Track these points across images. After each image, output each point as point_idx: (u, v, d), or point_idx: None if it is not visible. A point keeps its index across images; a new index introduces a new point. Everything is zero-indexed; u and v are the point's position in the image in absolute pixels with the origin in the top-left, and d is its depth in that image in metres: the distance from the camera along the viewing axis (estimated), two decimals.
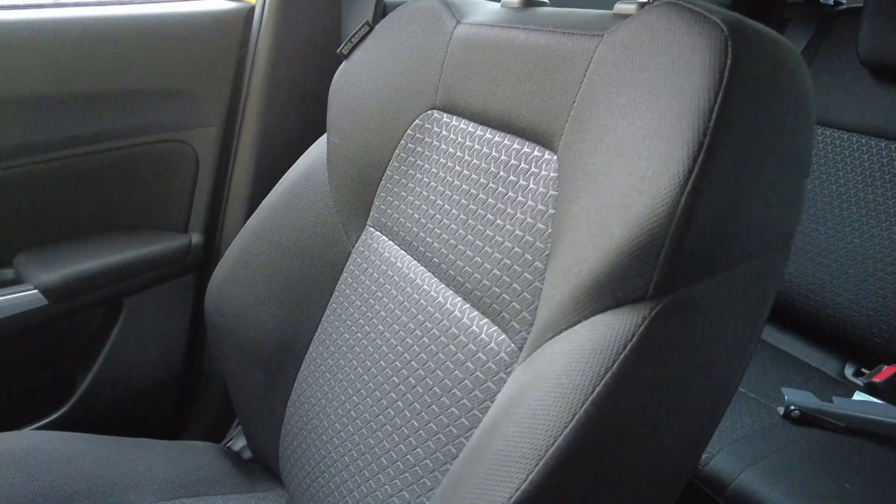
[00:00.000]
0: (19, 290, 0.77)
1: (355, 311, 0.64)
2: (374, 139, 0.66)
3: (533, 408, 0.33)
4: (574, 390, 0.32)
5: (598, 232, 0.36)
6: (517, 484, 0.31)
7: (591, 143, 0.41)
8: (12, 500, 0.63)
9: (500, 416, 0.36)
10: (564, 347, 0.35)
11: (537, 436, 0.32)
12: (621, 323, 0.33)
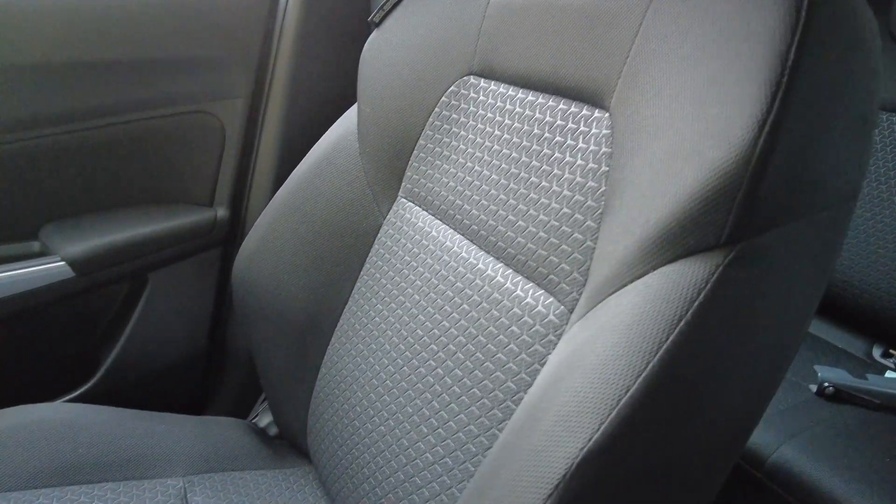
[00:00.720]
0: (46, 262, 0.76)
1: (388, 283, 0.63)
2: (406, 108, 0.65)
3: (602, 358, 0.32)
4: (646, 339, 0.31)
5: (666, 182, 0.35)
6: (589, 433, 0.30)
7: (649, 96, 0.40)
8: (45, 469, 0.63)
9: (562, 371, 0.35)
10: (632, 299, 0.34)
11: (609, 385, 0.31)
12: (693, 271, 0.32)
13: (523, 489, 0.31)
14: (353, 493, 0.62)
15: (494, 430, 0.46)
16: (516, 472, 0.32)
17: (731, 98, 0.32)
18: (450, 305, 0.55)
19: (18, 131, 0.74)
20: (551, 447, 0.31)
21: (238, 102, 0.83)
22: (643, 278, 0.34)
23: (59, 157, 0.77)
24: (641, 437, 0.31)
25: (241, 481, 0.71)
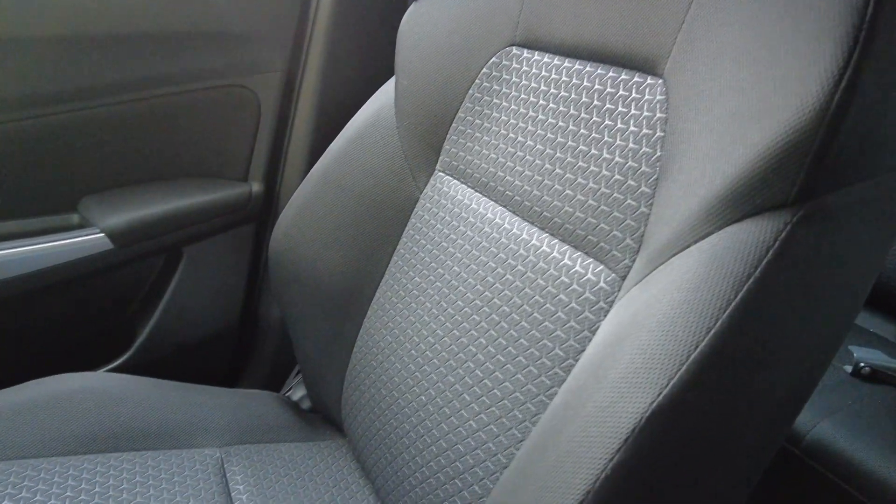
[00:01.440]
0: (86, 234, 0.77)
1: (426, 256, 0.63)
2: (445, 81, 0.65)
3: (669, 316, 0.32)
4: (715, 296, 0.31)
5: (731, 143, 0.34)
6: (658, 388, 0.30)
7: (707, 60, 0.40)
8: (88, 436, 0.64)
9: (625, 331, 0.35)
10: (698, 258, 0.34)
11: (677, 342, 0.31)
12: (762, 229, 0.32)
13: (591, 443, 0.31)
14: (391, 464, 0.62)
15: (542, 397, 0.46)
16: (582, 429, 0.32)
17: (803, 56, 0.32)
18: (492, 276, 0.55)
19: (58, 104, 0.75)
20: (619, 402, 0.31)
21: (274, 76, 0.83)
22: (708, 238, 0.34)
23: (97, 131, 0.77)
24: (709, 393, 0.31)
25: (276, 453, 0.72)
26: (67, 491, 0.59)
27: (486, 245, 0.56)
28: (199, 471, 0.66)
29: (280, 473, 0.69)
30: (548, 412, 0.39)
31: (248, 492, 0.65)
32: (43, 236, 0.76)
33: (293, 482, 0.69)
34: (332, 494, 0.69)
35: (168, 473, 0.65)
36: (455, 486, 0.52)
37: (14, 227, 0.77)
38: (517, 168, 0.56)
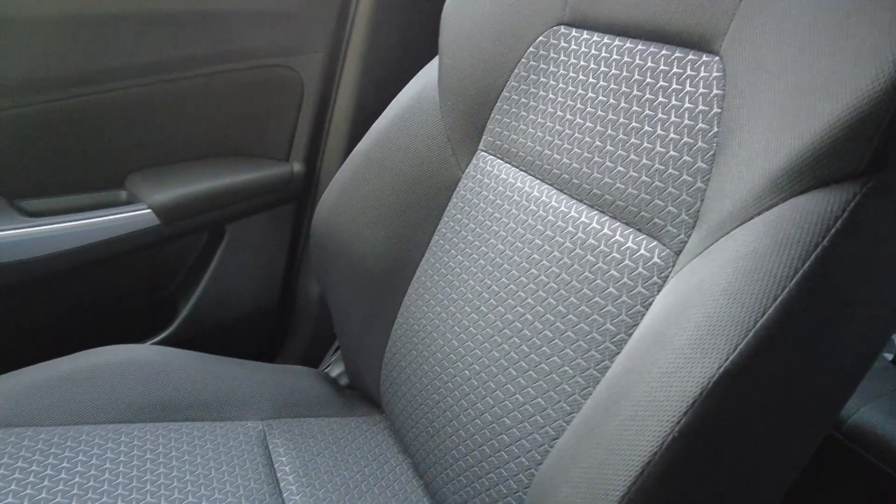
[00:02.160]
0: (134, 210, 0.79)
1: (469, 234, 0.64)
2: (490, 60, 0.65)
3: (735, 285, 0.33)
4: (782, 265, 0.31)
5: (797, 116, 0.34)
6: (725, 354, 0.31)
7: (768, 36, 0.40)
8: (137, 406, 0.66)
9: (688, 300, 0.35)
10: (763, 229, 0.34)
11: (744, 309, 0.31)
12: (830, 200, 0.32)
13: (657, 407, 0.32)
14: (432, 438, 0.64)
15: (592, 371, 0.47)
16: (647, 393, 0.33)
17: (878, 24, 0.32)
18: (538, 253, 0.55)
19: (106, 83, 0.77)
20: (686, 367, 0.32)
21: (317, 57, 0.84)
22: (772, 210, 0.34)
23: (144, 109, 0.79)
24: (775, 360, 0.32)
25: (316, 427, 0.74)
26: (121, 456, 0.61)
27: (532, 223, 0.57)
28: (243, 442, 0.68)
29: (321, 447, 0.71)
30: (606, 381, 0.40)
31: (291, 463, 0.67)
32: (92, 211, 0.78)
33: (333, 455, 0.70)
34: (371, 468, 0.70)
35: (213, 444, 0.66)
36: (501, 458, 0.53)
37: (64, 203, 0.79)
38: (565, 146, 0.56)
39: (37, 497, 0.54)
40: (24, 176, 0.77)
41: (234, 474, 0.63)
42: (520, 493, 0.50)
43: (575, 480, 0.34)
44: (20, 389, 0.64)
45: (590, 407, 0.40)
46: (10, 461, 0.57)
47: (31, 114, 0.74)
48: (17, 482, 0.55)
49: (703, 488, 0.33)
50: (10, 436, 0.60)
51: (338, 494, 0.65)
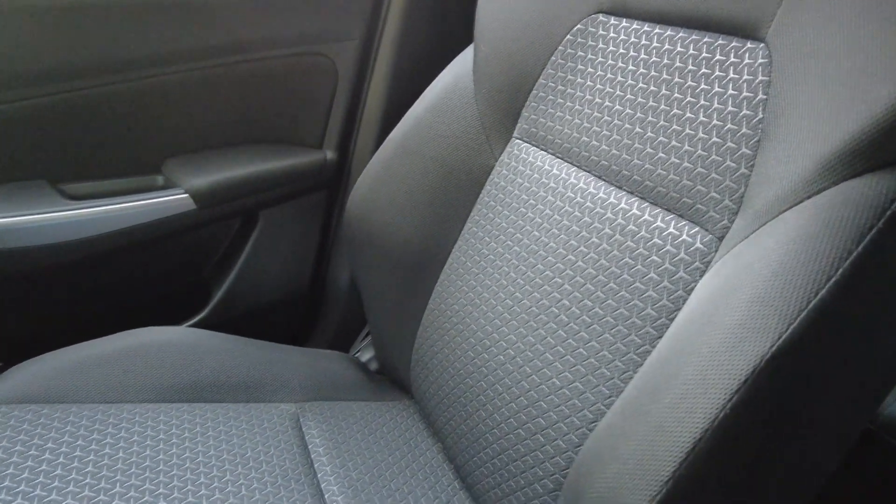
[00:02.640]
0: (170, 195, 0.80)
1: (503, 221, 0.65)
2: (526, 48, 0.65)
3: (786, 266, 0.33)
4: (835, 247, 0.32)
5: (851, 99, 0.35)
6: (778, 333, 0.31)
7: (819, 20, 0.40)
8: (173, 386, 0.68)
9: (736, 282, 0.36)
10: (814, 212, 0.34)
11: (796, 289, 0.32)
12: (884, 183, 0.32)
13: (709, 384, 0.32)
14: (464, 422, 0.64)
15: (632, 355, 0.47)
16: (698, 372, 0.33)
17: None
18: (576, 240, 0.56)
19: (143, 69, 0.78)
20: (738, 346, 0.32)
21: (351, 45, 0.85)
22: (823, 193, 0.35)
23: (180, 96, 0.80)
24: (827, 341, 0.32)
25: (348, 410, 0.75)
26: (160, 434, 0.62)
27: (570, 209, 0.57)
28: (277, 423, 0.69)
29: (353, 430, 0.72)
30: (653, 363, 0.41)
31: (324, 445, 0.68)
32: (131, 195, 0.79)
33: (365, 438, 0.71)
34: (402, 451, 0.71)
35: (248, 425, 0.68)
36: (537, 441, 0.54)
37: (103, 187, 0.81)
38: (604, 133, 0.56)
39: (77, 472, 0.56)
40: (66, 160, 0.78)
41: (270, 454, 0.65)
42: (557, 475, 0.51)
43: (624, 457, 0.35)
44: (62, 368, 0.66)
45: (635, 388, 0.40)
46: (57, 435, 0.59)
47: (72, 100, 0.76)
48: (63, 455, 0.57)
49: (752, 466, 0.33)
50: (55, 411, 0.62)
51: (371, 476, 0.66)
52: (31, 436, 0.58)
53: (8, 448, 0.56)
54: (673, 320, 0.45)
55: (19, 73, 0.73)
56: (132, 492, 0.56)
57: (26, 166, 0.77)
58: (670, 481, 0.31)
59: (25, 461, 0.55)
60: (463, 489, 0.67)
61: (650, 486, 0.32)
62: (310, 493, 0.61)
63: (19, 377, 0.64)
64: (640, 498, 0.32)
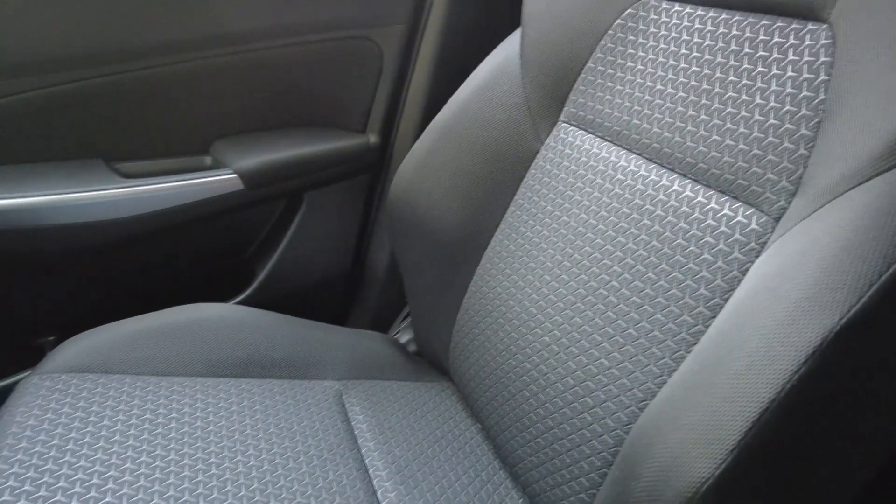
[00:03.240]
0: (219, 175, 0.82)
1: (548, 204, 0.65)
2: (575, 32, 0.66)
3: (855, 241, 0.33)
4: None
5: None
6: (847, 307, 0.32)
7: (883, 3, 0.40)
8: (221, 361, 0.69)
9: (801, 258, 0.36)
10: (884, 188, 0.34)
11: (866, 263, 0.32)
12: None
13: (775, 357, 0.33)
14: (507, 403, 0.65)
15: (684, 335, 0.48)
16: (763, 345, 0.34)
17: None
18: (626, 222, 0.56)
19: (191, 52, 0.80)
20: (803, 319, 0.33)
21: (397, 29, 0.86)
22: (893, 171, 0.35)
23: (228, 78, 0.82)
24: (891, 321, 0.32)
25: (389, 389, 0.76)
26: (209, 407, 0.64)
27: (619, 192, 0.58)
28: (322, 400, 0.70)
29: (394, 408, 0.73)
30: (712, 338, 0.41)
31: (367, 422, 0.69)
32: (182, 174, 0.82)
33: (406, 417, 0.73)
34: (442, 431, 0.72)
35: (294, 400, 0.69)
36: (584, 420, 0.54)
37: (154, 166, 0.83)
38: (655, 116, 0.56)
39: (134, 439, 0.58)
40: (120, 140, 0.81)
41: (315, 429, 0.66)
42: (604, 452, 0.52)
43: (687, 427, 0.35)
44: (116, 340, 0.68)
45: (695, 362, 0.41)
46: (114, 403, 0.61)
47: (126, 82, 0.78)
48: (121, 423, 0.59)
49: (816, 437, 0.34)
50: (110, 381, 0.64)
51: (413, 453, 0.68)
52: (90, 403, 0.61)
53: (70, 414, 0.59)
54: (727, 300, 0.45)
55: (77, 55, 0.75)
56: (186, 459, 0.57)
57: (84, 146, 0.80)
58: (736, 450, 0.32)
59: (85, 426, 0.58)
60: (503, 469, 0.68)
61: (716, 454, 0.32)
62: (355, 468, 0.63)
63: (77, 348, 0.67)
64: (706, 466, 0.32)
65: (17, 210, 0.75)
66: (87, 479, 0.53)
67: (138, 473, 0.55)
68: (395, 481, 0.63)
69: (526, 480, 0.64)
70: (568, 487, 0.56)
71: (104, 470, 0.54)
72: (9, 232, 0.75)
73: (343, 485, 0.61)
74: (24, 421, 0.56)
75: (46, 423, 0.57)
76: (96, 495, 0.52)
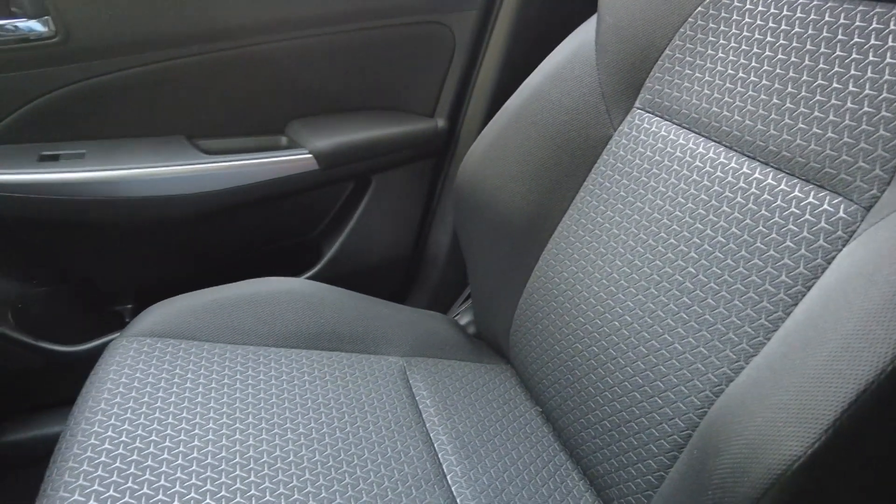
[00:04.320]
0: (295, 154, 0.85)
1: (621, 190, 0.65)
2: (654, 18, 0.65)
3: None
4: None
5: None
6: None
7: None
8: (293, 333, 0.72)
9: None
10: None
11: None
12: None
13: (872, 340, 0.33)
14: (570, 387, 0.66)
15: (763, 321, 0.48)
16: (859, 328, 0.34)
17: None
18: (704, 209, 0.56)
19: (270, 34, 0.82)
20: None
21: (471, 15, 0.87)
22: None
23: (304, 59, 0.85)
24: None
25: (450, 368, 0.78)
26: (283, 376, 0.67)
27: (697, 179, 0.57)
28: (387, 374, 0.72)
29: (455, 386, 0.75)
30: (800, 321, 0.41)
31: (431, 398, 0.71)
32: (258, 153, 0.85)
33: (468, 395, 0.74)
34: (503, 410, 0.74)
35: (361, 373, 0.71)
36: (654, 404, 0.55)
37: (233, 144, 0.86)
38: (737, 103, 0.56)
39: (214, 402, 0.61)
40: (201, 118, 0.84)
41: (382, 402, 0.68)
42: (675, 435, 0.52)
43: (777, 406, 0.35)
44: (196, 308, 0.71)
45: (781, 345, 0.41)
46: (194, 368, 0.64)
47: (206, 62, 0.81)
48: (202, 386, 0.62)
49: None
50: (190, 346, 0.67)
51: (475, 430, 0.69)
52: (173, 366, 0.64)
53: (155, 374, 0.62)
54: (810, 287, 0.45)
55: (163, 37, 0.79)
56: (263, 424, 0.60)
57: (167, 122, 0.84)
58: (830, 430, 0.32)
59: (170, 387, 0.61)
60: (564, 450, 0.69)
61: (809, 433, 0.33)
62: (421, 440, 0.65)
63: (159, 314, 0.70)
64: (798, 444, 0.33)
65: (107, 182, 0.79)
66: (175, 434, 0.56)
67: (219, 434, 0.58)
68: (459, 455, 0.65)
69: (588, 462, 0.64)
70: (634, 469, 0.57)
71: (189, 428, 0.57)
72: (99, 202, 0.79)
73: (410, 455, 0.63)
74: (117, 378, 0.60)
75: (136, 382, 0.60)
76: (184, 450, 0.55)
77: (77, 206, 0.79)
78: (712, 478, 0.39)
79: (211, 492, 0.52)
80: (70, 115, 0.80)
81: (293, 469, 0.56)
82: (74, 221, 0.81)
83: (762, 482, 0.34)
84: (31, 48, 0.74)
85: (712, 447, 0.40)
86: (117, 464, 0.52)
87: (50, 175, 0.78)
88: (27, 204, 0.78)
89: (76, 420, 0.56)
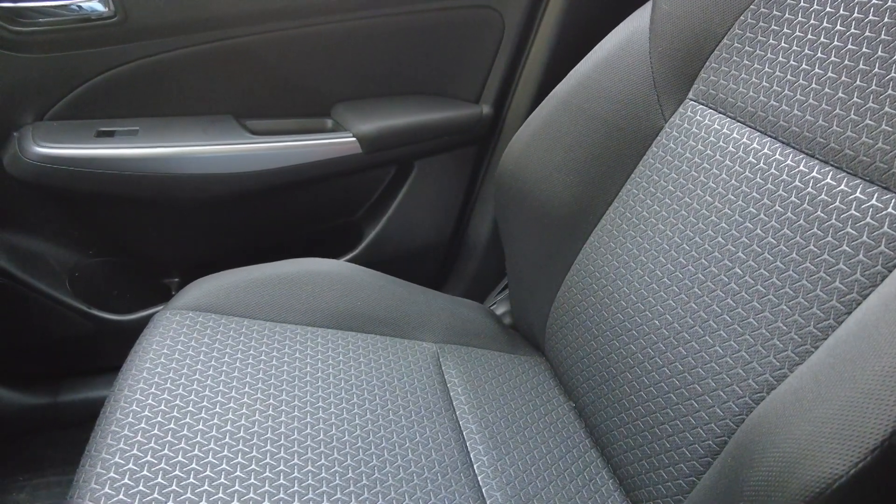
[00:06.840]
0: (340, 137, 0.86)
1: (670, 184, 0.63)
2: (713, 7, 0.62)
3: None
4: None
5: None
6: None
7: None
8: (330, 313, 0.73)
9: None
10: None
11: None
12: None
13: None
14: (605, 384, 0.65)
15: (811, 329, 0.45)
16: None
17: None
18: (755, 207, 0.53)
19: (318, 16, 0.83)
20: None
21: (522, 0, 0.85)
22: None
23: (351, 43, 0.85)
24: None
25: (483, 357, 0.77)
26: (318, 354, 0.68)
27: (750, 175, 0.55)
28: (420, 360, 0.73)
29: (488, 376, 0.74)
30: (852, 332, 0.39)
31: (462, 385, 0.71)
32: (303, 134, 0.86)
33: (500, 385, 0.74)
34: (535, 403, 0.73)
35: (394, 357, 0.72)
36: (690, 407, 0.53)
37: (279, 125, 0.87)
38: (797, 98, 0.53)
39: (251, 377, 0.62)
40: (248, 98, 0.86)
41: (414, 386, 0.68)
42: (710, 441, 0.50)
43: (820, 420, 0.34)
44: (237, 285, 0.73)
45: (829, 356, 0.39)
46: (233, 342, 0.65)
47: (254, 44, 0.82)
48: (239, 361, 0.63)
49: None
50: (230, 321, 0.69)
51: (505, 420, 0.69)
52: (213, 339, 0.66)
53: (196, 347, 0.64)
54: (866, 296, 0.42)
55: (213, 18, 0.80)
56: (296, 401, 0.61)
57: (216, 102, 0.85)
58: (878, 450, 0.30)
59: (209, 360, 0.63)
60: (595, 448, 0.68)
61: (853, 451, 0.31)
62: (449, 427, 0.65)
63: (202, 289, 0.72)
64: (841, 462, 0.31)
65: (158, 158, 0.82)
66: (211, 407, 0.57)
67: (253, 408, 0.59)
68: (487, 445, 0.64)
69: (618, 462, 0.63)
70: (665, 472, 0.56)
71: (224, 401, 0.59)
72: (150, 178, 0.82)
73: (438, 442, 0.63)
74: (159, 349, 0.62)
75: (177, 354, 0.62)
76: (218, 423, 0.56)
77: (129, 181, 0.82)
78: (744, 489, 0.37)
79: (241, 464, 0.53)
80: (126, 93, 0.82)
81: (322, 448, 0.57)
82: (127, 196, 0.84)
83: (797, 500, 0.32)
84: (92, 27, 0.76)
85: (747, 457, 0.39)
86: (155, 431, 0.54)
87: (105, 150, 0.81)
88: (84, 178, 0.81)
89: (120, 387, 0.59)
